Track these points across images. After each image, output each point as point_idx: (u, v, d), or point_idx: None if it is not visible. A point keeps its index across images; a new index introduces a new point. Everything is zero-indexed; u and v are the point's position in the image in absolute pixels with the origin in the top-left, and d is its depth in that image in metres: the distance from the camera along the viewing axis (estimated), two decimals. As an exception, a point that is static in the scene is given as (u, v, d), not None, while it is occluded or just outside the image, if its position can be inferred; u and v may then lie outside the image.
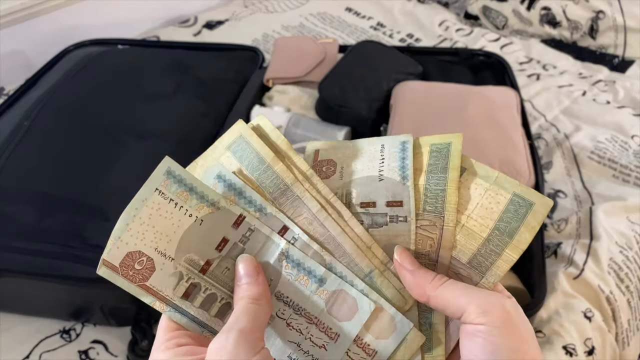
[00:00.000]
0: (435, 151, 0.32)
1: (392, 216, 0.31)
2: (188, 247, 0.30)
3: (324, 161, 0.33)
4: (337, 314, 0.31)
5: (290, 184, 0.32)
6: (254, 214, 0.31)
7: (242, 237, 0.31)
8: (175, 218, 0.30)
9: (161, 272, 0.30)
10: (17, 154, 0.78)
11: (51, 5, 1.27)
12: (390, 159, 0.32)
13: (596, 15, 1.23)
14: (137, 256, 0.30)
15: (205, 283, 0.31)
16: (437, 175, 0.31)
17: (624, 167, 0.90)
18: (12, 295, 0.70)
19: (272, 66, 1.00)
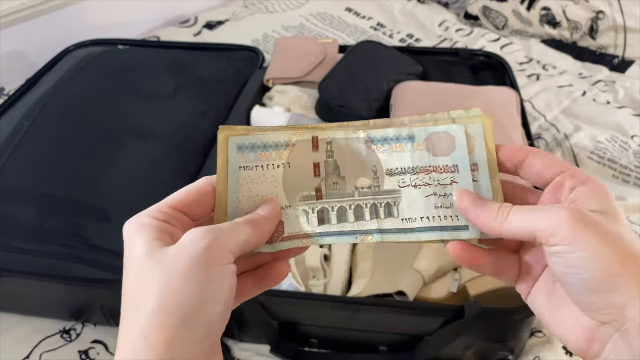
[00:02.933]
0: None
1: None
2: (294, 189, 0.33)
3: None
4: (442, 152, 0.33)
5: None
6: (321, 129, 0.33)
7: (326, 153, 0.33)
8: (269, 175, 0.33)
9: (288, 220, 0.32)
10: (17, 154, 0.78)
11: (51, 5, 1.27)
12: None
13: (596, 15, 1.23)
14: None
15: (327, 204, 0.33)
16: None
17: (623, 167, 0.90)
18: (12, 295, 0.70)
19: (272, 66, 1.00)
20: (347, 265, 0.70)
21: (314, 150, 0.33)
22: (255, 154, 0.33)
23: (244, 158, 0.33)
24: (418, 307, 0.62)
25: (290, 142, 0.33)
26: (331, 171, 0.33)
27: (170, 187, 0.84)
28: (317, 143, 0.33)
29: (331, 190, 0.33)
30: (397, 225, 0.32)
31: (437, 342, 0.61)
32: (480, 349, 0.63)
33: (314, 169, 0.33)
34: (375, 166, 0.33)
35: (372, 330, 0.64)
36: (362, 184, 0.33)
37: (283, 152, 0.33)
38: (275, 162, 0.33)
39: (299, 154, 0.33)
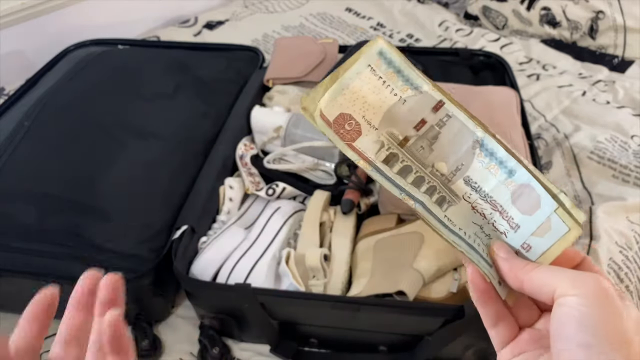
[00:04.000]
0: None
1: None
2: (391, 122, 0.33)
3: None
4: (520, 207, 0.33)
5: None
6: (451, 104, 0.34)
7: (439, 121, 0.34)
8: (383, 94, 0.33)
9: (366, 137, 0.33)
10: (17, 154, 0.78)
11: (51, 5, 1.27)
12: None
13: (596, 16, 1.23)
14: (347, 118, 0.33)
15: (402, 155, 0.33)
16: None
17: (623, 167, 0.90)
18: (12, 295, 0.70)
19: (272, 66, 1.00)
20: (347, 265, 0.70)
21: (432, 111, 0.33)
22: (388, 70, 0.33)
23: (377, 64, 0.33)
24: (418, 307, 0.62)
25: (420, 87, 0.33)
26: (429, 137, 0.33)
27: (170, 187, 0.84)
28: (439, 107, 0.33)
29: (415, 149, 0.33)
30: (439, 215, 0.33)
31: (437, 342, 0.61)
32: (480, 349, 0.63)
33: (418, 123, 0.33)
34: (463, 165, 0.34)
35: (372, 330, 0.64)
36: (439, 168, 0.34)
37: (407, 89, 0.33)
38: (396, 89, 0.33)
39: (418, 101, 0.33)
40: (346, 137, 0.33)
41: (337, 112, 0.33)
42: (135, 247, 0.70)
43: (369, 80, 0.33)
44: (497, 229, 0.33)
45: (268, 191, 0.79)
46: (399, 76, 0.33)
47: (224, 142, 0.85)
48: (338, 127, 0.33)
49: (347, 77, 0.33)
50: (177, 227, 0.71)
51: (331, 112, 0.33)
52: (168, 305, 0.72)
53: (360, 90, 0.33)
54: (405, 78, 0.33)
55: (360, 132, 0.33)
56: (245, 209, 0.79)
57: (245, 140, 0.88)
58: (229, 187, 0.80)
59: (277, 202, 0.78)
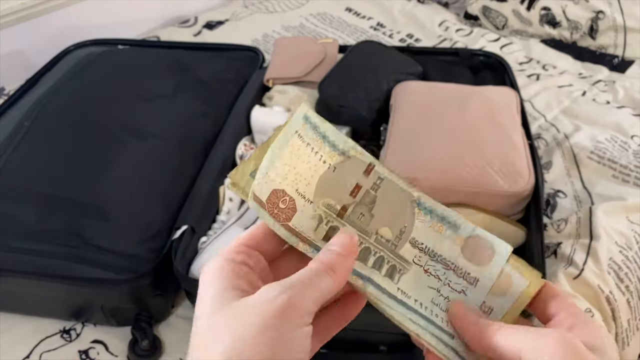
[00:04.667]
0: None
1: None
2: (324, 192, 0.32)
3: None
4: (474, 259, 0.32)
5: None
6: (380, 165, 0.33)
7: (373, 185, 0.32)
8: (312, 162, 0.32)
9: (302, 214, 0.31)
10: (17, 154, 0.78)
11: (51, 6, 1.28)
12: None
13: (596, 16, 1.23)
14: (281, 195, 0.31)
15: (342, 227, 0.32)
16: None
17: (623, 167, 0.90)
18: (12, 295, 0.70)
19: (272, 66, 1.00)
20: (347, 265, 0.69)
21: (364, 175, 0.32)
22: (314, 136, 0.32)
23: (304, 129, 0.32)
24: (418, 307, 0.62)
25: (347, 152, 0.32)
26: (366, 202, 0.32)
27: (170, 187, 0.84)
28: (370, 171, 0.32)
29: (355, 218, 0.32)
30: (391, 290, 0.31)
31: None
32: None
33: (353, 189, 0.32)
34: (406, 227, 0.32)
35: (372, 330, 0.64)
36: (384, 234, 0.32)
37: (335, 155, 0.32)
38: (324, 156, 0.32)
39: (348, 167, 0.32)
40: (281, 217, 0.31)
41: (270, 188, 0.31)
42: (135, 247, 0.70)
43: (298, 147, 0.31)
44: (455, 289, 0.31)
45: (268, 191, 0.79)
46: (325, 142, 0.32)
47: (224, 142, 0.85)
48: (272, 206, 0.31)
49: (277, 146, 0.31)
50: (177, 227, 0.71)
51: (263, 191, 0.31)
52: (168, 305, 0.72)
53: (290, 159, 0.31)
54: (331, 144, 0.32)
55: (296, 209, 0.31)
56: (245, 209, 0.79)
57: (245, 140, 0.88)
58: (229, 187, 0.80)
59: (277, 202, 0.78)
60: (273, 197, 0.31)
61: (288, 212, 0.31)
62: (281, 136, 0.31)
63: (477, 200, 0.71)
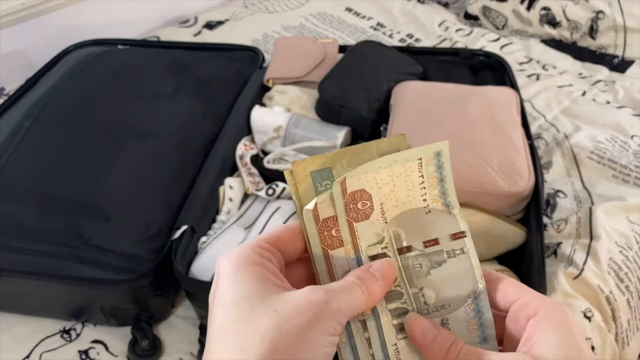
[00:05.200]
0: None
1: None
2: (403, 223, 0.31)
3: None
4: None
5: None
6: (470, 240, 0.31)
7: (451, 251, 0.31)
8: (413, 193, 0.31)
9: (370, 225, 0.31)
10: (17, 154, 0.78)
11: (51, 5, 1.28)
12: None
13: (596, 16, 1.23)
14: (366, 198, 0.31)
15: (394, 261, 0.31)
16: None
17: (623, 167, 0.90)
18: (12, 295, 0.70)
19: (272, 66, 1.00)
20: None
21: (450, 236, 0.31)
22: (434, 173, 0.31)
23: (428, 162, 0.31)
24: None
25: (452, 207, 0.31)
26: (433, 260, 0.31)
27: (170, 187, 0.84)
28: (458, 237, 0.31)
29: (412, 263, 0.31)
30: (388, 341, 0.30)
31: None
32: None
33: (430, 240, 0.31)
34: (450, 307, 0.31)
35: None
36: (427, 295, 0.31)
37: (439, 202, 0.31)
38: (428, 196, 0.31)
39: (442, 220, 0.31)
40: (351, 214, 0.30)
41: (361, 186, 0.30)
42: (135, 247, 0.70)
43: (411, 172, 0.31)
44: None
45: (268, 191, 0.79)
46: (439, 185, 0.31)
47: (224, 142, 0.85)
48: (351, 200, 0.30)
49: (393, 158, 0.30)
50: (177, 227, 0.71)
51: (354, 184, 0.30)
52: (168, 305, 0.72)
53: (396, 177, 0.31)
54: (443, 190, 0.31)
55: (368, 217, 0.31)
56: (245, 209, 0.79)
57: (245, 140, 0.88)
58: (229, 187, 0.80)
59: (277, 202, 0.78)
60: (358, 194, 0.30)
61: (360, 214, 0.31)
62: (403, 154, 0.31)
63: (477, 200, 0.71)
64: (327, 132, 0.86)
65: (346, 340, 0.30)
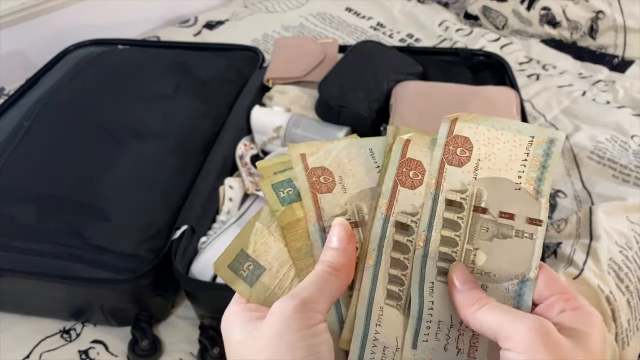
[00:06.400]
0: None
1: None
2: (490, 187, 0.32)
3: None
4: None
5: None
6: (543, 232, 0.32)
7: (521, 231, 0.32)
8: (512, 165, 0.31)
9: (459, 172, 0.32)
10: (17, 154, 0.78)
11: (51, 6, 1.28)
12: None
13: (596, 16, 1.23)
14: (466, 143, 0.32)
15: (466, 213, 0.31)
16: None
17: (623, 167, 0.90)
18: (12, 295, 0.70)
19: (272, 66, 1.00)
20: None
21: (528, 221, 0.31)
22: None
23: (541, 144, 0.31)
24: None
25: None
26: (501, 232, 0.31)
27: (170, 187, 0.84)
28: (536, 223, 0.31)
29: (480, 224, 0.31)
30: (429, 276, 0.32)
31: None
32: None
33: (507, 213, 0.31)
34: (495, 276, 0.31)
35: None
36: (477, 257, 0.32)
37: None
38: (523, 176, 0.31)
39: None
40: (448, 155, 0.32)
41: (465, 133, 0.31)
42: (135, 247, 0.70)
43: (519, 145, 0.31)
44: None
45: (268, 191, 0.78)
46: (539, 169, 0.31)
47: (224, 142, 0.85)
48: (450, 144, 0.31)
49: (509, 124, 0.31)
50: (177, 227, 0.71)
51: (461, 129, 0.31)
52: (168, 305, 0.72)
53: (503, 142, 0.31)
54: (541, 176, 0.31)
55: (462, 165, 0.31)
56: (245, 208, 0.79)
57: (245, 140, 0.88)
58: (229, 187, 0.80)
59: (277, 202, 0.78)
60: (460, 140, 0.31)
61: (455, 159, 0.31)
62: (520, 125, 0.31)
63: (477, 200, 0.71)
64: (327, 132, 0.86)
65: (372, 265, 0.31)
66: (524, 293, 0.31)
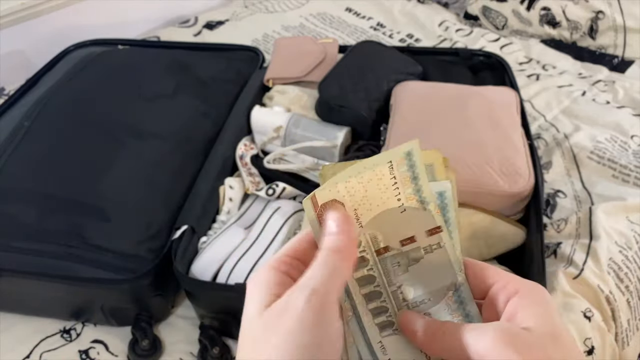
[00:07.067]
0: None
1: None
2: (379, 226, 0.31)
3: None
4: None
5: None
6: (447, 234, 0.32)
7: (428, 246, 0.31)
8: (387, 195, 0.31)
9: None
10: (17, 154, 0.78)
11: (51, 6, 1.28)
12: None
13: (596, 16, 1.23)
14: (335, 206, 0.31)
15: (373, 264, 0.31)
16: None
17: (623, 167, 0.90)
18: (12, 295, 0.70)
19: (272, 66, 1.00)
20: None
21: (426, 233, 0.31)
22: (406, 173, 0.31)
23: (399, 163, 0.31)
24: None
25: (426, 203, 0.31)
26: (411, 257, 0.32)
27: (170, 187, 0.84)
28: (434, 233, 0.31)
29: (390, 263, 0.31)
30: (372, 338, 0.31)
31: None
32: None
33: (407, 238, 0.31)
34: (430, 301, 0.32)
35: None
36: (405, 293, 0.32)
37: (414, 200, 0.31)
38: (403, 195, 0.31)
39: (417, 217, 0.31)
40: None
41: (330, 197, 0.30)
42: (135, 247, 0.70)
43: (382, 176, 0.31)
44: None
45: (268, 191, 0.79)
46: (412, 183, 0.31)
47: (224, 142, 0.85)
48: (323, 212, 0.31)
49: (362, 166, 0.30)
50: (177, 227, 0.71)
51: (324, 197, 0.31)
52: (168, 305, 0.72)
53: (367, 182, 0.31)
54: (417, 188, 0.31)
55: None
56: (245, 209, 0.79)
57: (245, 140, 0.89)
58: (229, 187, 0.80)
59: (277, 202, 0.78)
60: (330, 205, 0.31)
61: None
62: (369, 160, 0.31)
63: (477, 200, 0.71)
64: (327, 132, 0.86)
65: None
66: (464, 299, 0.31)
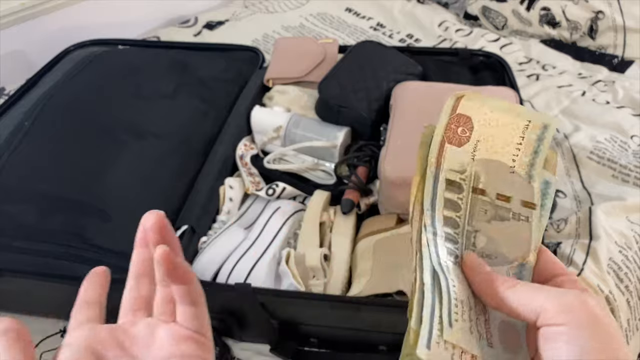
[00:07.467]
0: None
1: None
2: (486, 169, 0.31)
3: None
4: (501, 338, 0.30)
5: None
6: (538, 215, 0.32)
7: (518, 215, 0.31)
8: (506, 149, 0.31)
9: (460, 152, 0.31)
10: (17, 154, 0.78)
11: (51, 6, 1.28)
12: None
13: (595, 16, 1.23)
14: (468, 124, 0.31)
15: (465, 196, 0.31)
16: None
17: (623, 167, 0.90)
18: (12, 295, 0.70)
19: (272, 66, 1.00)
20: (347, 265, 0.70)
21: (522, 203, 0.31)
22: (534, 141, 0.31)
23: (533, 129, 0.31)
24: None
25: (533, 178, 0.31)
26: (498, 214, 0.32)
27: (170, 187, 0.84)
28: (530, 207, 0.31)
29: (478, 206, 0.31)
30: (441, 253, 0.31)
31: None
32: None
33: (503, 195, 0.31)
34: (496, 259, 0.31)
35: (372, 330, 0.64)
36: (478, 240, 0.31)
37: (526, 168, 0.31)
38: (517, 158, 0.31)
39: (520, 184, 0.31)
40: (449, 133, 0.31)
41: (469, 113, 0.31)
42: (135, 247, 0.70)
43: (516, 128, 0.31)
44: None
45: (268, 191, 0.79)
46: (533, 154, 0.31)
47: (224, 142, 0.85)
48: (454, 121, 0.31)
49: (510, 107, 0.31)
50: (177, 227, 0.71)
51: (465, 107, 0.31)
52: (168, 305, 0.72)
53: (502, 125, 0.31)
54: (532, 161, 0.31)
55: (461, 145, 0.31)
56: (245, 209, 0.79)
57: (245, 140, 0.89)
58: (229, 187, 0.80)
59: (277, 202, 0.78)
60: (463, 120, 0.31)
61: (455, 139, 0.31)
62: (519, 108, 0.31)
63: (477, 200, 0.71)
64: (327, 132, 0.86)
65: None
66: (524, 277, 0.31)
